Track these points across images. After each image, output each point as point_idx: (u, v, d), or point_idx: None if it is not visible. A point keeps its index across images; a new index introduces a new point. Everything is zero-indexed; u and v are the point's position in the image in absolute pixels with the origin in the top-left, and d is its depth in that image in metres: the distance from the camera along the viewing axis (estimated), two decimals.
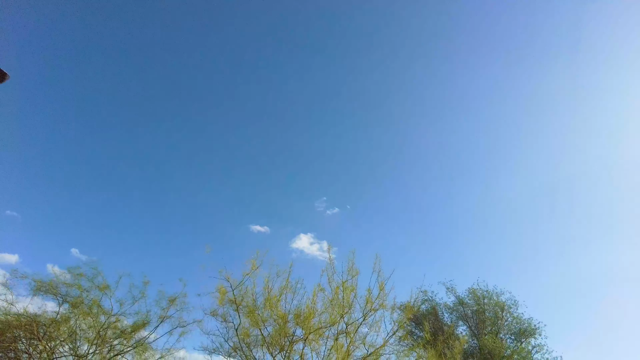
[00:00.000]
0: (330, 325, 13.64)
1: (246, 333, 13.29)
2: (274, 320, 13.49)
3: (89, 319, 16.10)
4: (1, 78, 8.65)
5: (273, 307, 13.37)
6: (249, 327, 13.47)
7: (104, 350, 16.33)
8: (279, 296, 13.63)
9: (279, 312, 13.43)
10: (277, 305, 13.48)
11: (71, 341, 15.81)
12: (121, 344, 16.82)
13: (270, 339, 13.37)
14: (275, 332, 13.34)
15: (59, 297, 16.05)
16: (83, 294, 16.30)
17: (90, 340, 16.01)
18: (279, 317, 13.35)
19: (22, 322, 14.91)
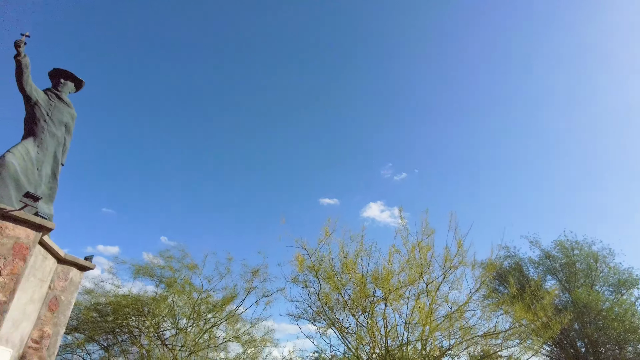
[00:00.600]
0: (409, 284, 13.60)
1: (327, 297, 13.71)
2: (353, 283, 13.75)
3: (184, 296, 17.60)
4: (78, 85, 9.41)
5: (350, 271, 13.60)
6: (329, 292, 13.88)
7: (200, 323, 17.82)
8: (355, 260, 13.83)
9: (357, 275, 13.64)
10: (354, 269, 13.70)
11: (171, 316, 17.46)
12: (214, 317, 18.24)
13: (351, 302, 13.68)
14: (355, 295, 13.61)
15: (155, 279, 17.74)
16: (175, 274, 17.83)
17: (187, 315, 17.56)
18: (357, 280, 13.58)
19: (129, 302, 16.72)
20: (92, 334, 16.76)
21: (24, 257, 6.56)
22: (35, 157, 7.84)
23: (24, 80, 7.86)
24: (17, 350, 7.04)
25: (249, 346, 18.53)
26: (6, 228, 6.47)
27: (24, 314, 7.09)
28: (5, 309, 6.19)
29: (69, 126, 8.79)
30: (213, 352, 17.95)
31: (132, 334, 17.71)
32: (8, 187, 7.02)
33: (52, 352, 7.88)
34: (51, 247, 7.56)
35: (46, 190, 7.98)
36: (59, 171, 8.45)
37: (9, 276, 6.35)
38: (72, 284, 8.34)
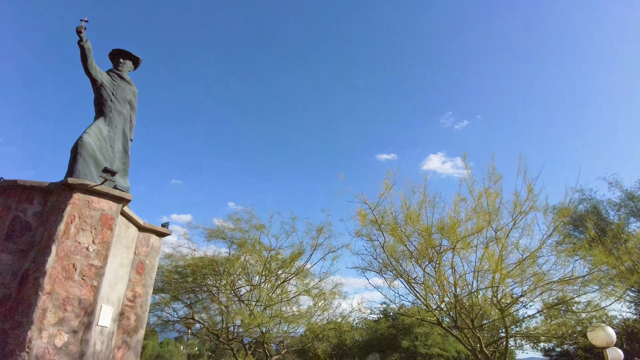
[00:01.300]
0: (477, 232, 13.21)
1: (392, 249, 13.77)
2: (418, 234, 13.65)
3: (254, 255, 18.63)
4: (135, 63, 9.78)
5: (414, 222, 13.47)
6: (394, 244, 13.92)
7: (272, 279, 18.87)
8: (419, 211, 13.63)
9: (422, 226, 13.48)
10: (418, 220, 13.54)
11: (245, 274, 18.64)
12: (284, 273, 19.21)
13: (417, 253, 13.65)
14: (421, 246, 13.54)
15: (227, 241, 18.88)
16: (245, 235, 18.84)
17: (259, 272, 18.66)
18: (422, 231, 13.44)
19: (206, 263, 18.05)
20: (176, 294, 18.44)
21: (110, 226, 7.21)
22: (107, 135, 8.41)
23: (89, 64, 8.31)
24: (116, 307, 7.92)
25: (319, 299, 19.41)
26: (92, 202, 7.11)
27: (117, 276, 7.90)
28: (102, 272, 6.93)
29: (132, 103, 9.26)
30: (286, 305, 19.05)
31: (210, 292, 19.25)
32: (89, 164, 7.64)
33: (145, 310, 8.77)
34: (132, 217, 8.24)
35: (120, 165, 8.59)
36: (129, 146, 9.02)
37: (100, 244, 7.04)
38: (154, 249, 9.10)
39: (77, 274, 6.70)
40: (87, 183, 7.04)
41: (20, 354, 5.97)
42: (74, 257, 6.72)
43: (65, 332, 6.38)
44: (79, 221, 6.88)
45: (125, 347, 8.18)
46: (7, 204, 7.09)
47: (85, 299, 6.68)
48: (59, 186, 7.06)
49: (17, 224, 6.94)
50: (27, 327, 6.12)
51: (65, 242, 6.68)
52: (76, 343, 6.45)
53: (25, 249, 6.87)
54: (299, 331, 20.04)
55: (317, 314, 19.55)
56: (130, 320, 8.30)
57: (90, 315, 6.68)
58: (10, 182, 7.15)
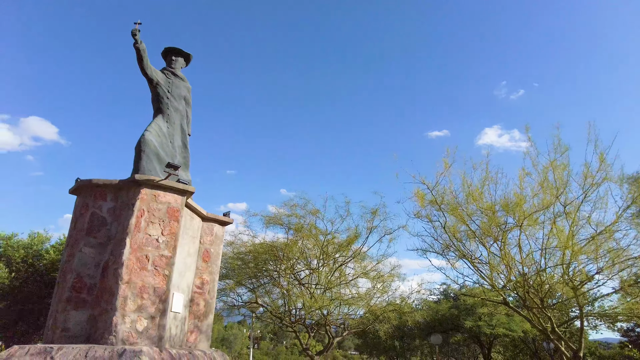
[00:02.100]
0: (544, 208, 12.41)
1: (454, 229, 13.33)
2: (481, 212, 13.08)
3: (311, 239, 18.94)
4: (187, 59, 10.09)
5: (476, 200, 12.92)
6: (454, 224, 13.47)
7: (330, 262, 19.12)
8: (481, 188, 13.04)
9: (485, 204, 12.89)
10: (480, 198, 12.97)
11: (303, 258, 19.04)
12: (342, 256, 19.39)
13: (480, 232, 13.13)
14: (484, 224, 12.99)
15: (284, 226, 19.34)
16: (301, 221, 19.17)
17: (317, 256, 18.97)
18: (485, 209, 12.87)
19: (265, 249, 18.65)
20: (240, 279, 19.27)
21: (177, 218, 7.61)
22: (167, 132, 8.81)
23: (145, 64, 8.70)
24: (186, 294, 8.40)
25: (377, 281, 19.43)
26: (159, 196, 7.52)
27: (185, 265, 8.35)
28: (172, 262, 7.36)
29: (187, 99, 9.60)
30: (345, 288, 19.28)
31: (272, 277, 19.91)
32: (152, 161, 8.07)
33: (212, 296, 9.24)
34: (195, 208, 8.64)
35: (181, 159, 8.99)
36: (188, 141, 9.41)
37: (169, 235, 7.46)
38: (217, 238, 9.51)
39: (150, 264, 7.16)
40: (153, 178, 7.45)
41: (108, 337, 6.53)
42: (146, 248, 7.17)
43: (144, 317, 6.88)
44: (148, 215, 7.31)
45: (197, 332, 8.69)
46: (85, 201, 7.69)
47: (159, 287, 7.14)
48: (127, 183, 7.54)
49: (95, 220, 7.52)
50: (112, 314, 6.66)
51: (137, 235, 7.14)
52: (155, 328, 6.94)
53: (104, 242, 7.44)
54: (359, 313, 20.24)
55: (376, 296, 19.63)
56: (200, 306, 8.78)
57: (164, 302, 7.14)
58: (85, 182, 7.73)
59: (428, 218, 14.02)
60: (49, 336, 6.98)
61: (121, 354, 6.02)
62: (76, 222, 7.67)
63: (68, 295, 7.07)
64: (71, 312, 7.02)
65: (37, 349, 6.11)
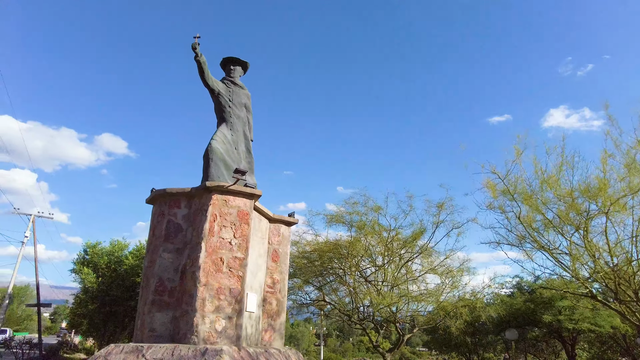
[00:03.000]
0: (632, 193, 11.21)
1: (530, 219, 12.48)
2: (559, 200, 12.13)
3: (375, 236, 18.73)
4: (244, 67, 10.36)
5: (552, 187, 11.99)
6: (529, 213, 12.61)
7: (395, 259, 18.80)
8: (558, 174, 12.07)
9: (564, 191, 11.91)
10: (557, 184, 12.02)
11: (368, 255, 18.90)
12: (407, 252, 18.98)
13: (559, 220, 12.18)
14: (561, 213, 12.03)
15: (346, 224, 19.31)
16: (362, 218, 19.04)
17: (382, 253, 18.73)
18: (563, 196, 11.92)
19: (330, 247, 18.75)
20: (306, 278, 19.53)
21: (247, 221, 7.85)
22: (231, 139, 9.12)
23: (206, 76, 9.06)
24: (259, 294, 8.65)
25: (446, 277, 18.80)
26: (229, 200, 7.79)
27: (257, 266, 8.59)
28: (245, 263, 7.60)
29: (248, 106, 9.88)
30: (412, 284, 18.87)
31: (337, 275, 19.97)
32: (220, 167, 8.40)
33: (284, 294, 9.43)
34: (262, 210, 8.86)
35: (246, 164, 9.26)
36: (251, 146, 9.68)
37: (240, 237, 7.71)
38: (284, 238, 9.69)
39: (225, 266, 7.44)
40: (223, 184, 7.74)
41: (191, 337, 6.88)
42: (220, 251, 7.47)
43: (222, 318, 7.16)
44: (220, 219, 7.61)
45: (271, 330, 8.92)
46: (161, 210, 8.17)
47: (234, 288, 7.40)
48: (199, 190, 7.89)
49: (171, 227, 7.96)
50: (192, 315, 7.01)
51: (212, 239, 7.45)
52: (232, 327, 7.21)
53: (181, 248, 7.85)
54: (428, 309, 19.70)
55: (445, 292, 18.99)
56: (272, 305, 9.00)
57: (240, 303, 7.38)
58: (160, 191, 8.21)
59: (501, 209, 13.23)
60: (138, 336, 7.49)
61: (203, 352, 6.30)
62: (154, 230, 8.17)
63: (152, 298, 7.55)
64: (156, 314, 7.48)
65: (130, 347, 6.58)
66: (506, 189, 12.79)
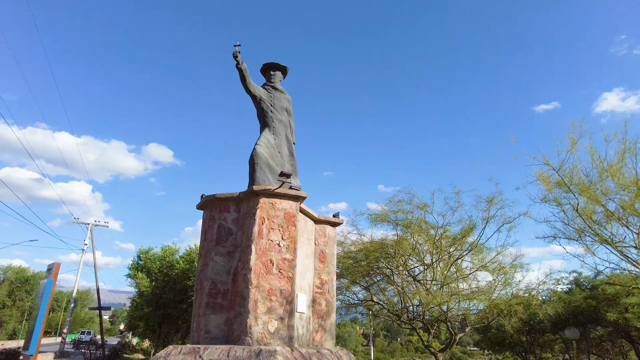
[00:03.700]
0: None
1: (590, 211, 11.74)
2: (623, 189, 11.32)
3: (422, 235, 18.33)
4: (284, 72, 10.46)
5: (614, 175, 11.20)
6: (588, 205, 11.86)
7: (444, 257, 18.31)
8: (620, 162, 11.27)
9: (629, 179, 11.08)
10: (619, 173, 11.23)
11: (416, 254, 18.53)
12: (456, 250, 18.42)
13: (623, 212, 11.37)
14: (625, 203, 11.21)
15: (391, 223, 19.04)
16: (408, 216, 18.69)
17: (430, 252, 18.30)
18: (628, 185, 11.08)
19: (376, 247, 18.57)
20: (354, 278, 19.44)
21: (293, 222, 7.92)
22: (274, 143, 9.26)
23: (248, 83, 9.25)
24: (308, 295, 8.70)
25: (498, 273, 18.08)
26: (275, 203, 7.90)
27: (305, 266, 8.65)
28: (294, 264, 7.68)
29: (289, 110, 10.00)
30: (463, 282, 18.28)
31: (385, 274, 19.74)
32: (265, 171, 8.54)
33: (333, 295, 9.43)
34: (307, 212, 8.92)
35: (289, 167, 9.37)
36: (293, 149, 9.78)
37: (288, 239, 7.79)
38: (330, 239, 9.70)
39: (275, 267, 7.54)
40: (269, 188, 7.86)
41: (245, 338, 7.03)
42: (269, 253, 7.58)
43: (274, 319, 7.26)
44: (268, 222, 7.73)
45: (322, 331, 8.94)
46: (212, 215, 8.41)
47: (285, 289, 7.49)
48: (247, 194, 8.06)
49: (222, 231, 8.18)
50: (245, 316, 7.15)
51: (261, 241, 7.58)
52: (284, 328, 7.29)
53: (232, 251, 8.05)
54: (480, 307, 19.01)
55: (498, 289, 18.26)
56: (322, 306, 9.02)
57: (290, 304, 7.46)
58: (210, 197, 8.46)
59: (556, 202, 12.54)
60: (195, 338, 7.75)
61: (258, 353, 6.41)
62: (206, 234, 8.43)
63: (206, 300, 7.78)
64: (210, 316, 7.71)
65: (188, 349, 6.81)
66: (561, 181, 12.10)
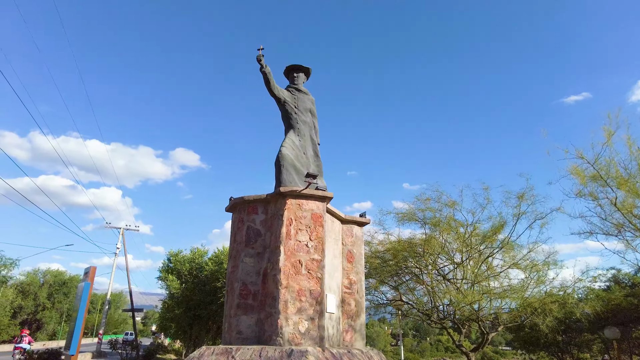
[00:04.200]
0: None
1: (629, 205, 11.24)
2: None
3: (452, 233, 18.00)
4: (307, 73, 10.49)
5: None
6: (627, 199, 11.36)
7: (474, 255, 17.92)
8: None
9: None
10: None
11: (445, 253, 18.21)
12: (487, 247, 18.00)
13: None
14: None
15: (419, 222, 18.78)
16: (436, 214, 18.39)
17: (459, 250, 17.94)
18: None
19: (404, 246, 18.36)
20: (382, 278, 19.28)
21: (321, 223, 7.93)
22: (299, 144, 9.30)
23: (272, 86, 9.33)
24: (337, 295, 8.69)
25: (531, 271, 17.57)
26: (302, 204, 7.93)
27: (333, 267, 8.65)
28: (322, 265, 7.68)
29: (313, 111, 10.03)
30: (494, 280, 17.85)
31: (413, 274, 19.48)
32: (291, 173, 8.59)
33: (362, 295, 9.39)
34: (334, 212, 8.91)
35: (315, 168, 9.38)
36: (318, 149, 9.78)
37: (316, 240, 7.81)
38: (358, 238, 9.66)
39: (304, 268, 7.57)
40: (296, 189, 7.90)
41: (276, 339, 7.08)
42: (298, 254, 7.62)
43: (304, 319, 7.29)
44: (296, 223, 7.76)
45: (352, 331, 8.91)
46: (240, 217, 8.52)
47: (314, 289, 7.50)
48: (274, 196, 8.12)
49: (250, 232, 8.27)
50: (276, 317, 7.21)
51: (289, 242, 7.62)
52: (315, 328, 7.30)
53: (261, 252, 8.13)
54: (513, 306, 18.52)
55: (531, 287, 17.73)
56: (351, 306, 9.00)
57: (320, 304, 7.47)
58: (238, 199, 8.57)
59: (592, 196, 12.07)
60: (227, 338, 7.86)
61: (289, 354, 6.44)
62: (235, 236, 8.55)
63: (237, 302, 7.89)
64: (241, 316, 7.80)
65: (220, 349, 6.91)
66: (596, 174, 11.64)
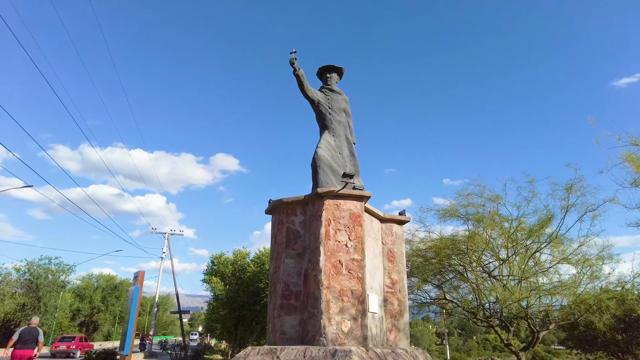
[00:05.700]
0: None
1: None
2: None
3: (496, 228, 17.41)
4: (339, 73, 10.51)
5: None
6: None
7: (521, 250, 17.24)
8: None
9: None
10: None
11: (490, 249, 17.62)
12: (534, 242, 17.28)
13: None
14: None
15: (462, 218, 18.29)
16: (480, 210, 17.84)
17: (505, 246, 17.32)
18: None
19: (447, 243, 17.96)
20: (425, 276, 18.94)
21: (359, 223, 7.92)
22: (334, 145, 9.33)
23: (305, 88, 9.42)
24: (379, 295, 8.64)
25: (583, 266, 16.67)
26: (340, 204, 7.95)
27: (374, 266, 8.61)
28: (363, 264, 7.67)
29: (347, 110, 10.03)
30: (543, 276, 17.09)
31: (457, 271, 19.00)
32: (327, 173, 8.63)
33: (404, 294, 9.28)
34: (373, 211, 8.87)
35: (351, 167, 9.38)
36: (354, 149, 9.77)
37: (355, 240, 7.80)
38: (398, 237, 9.56)
39: (344, 268, 7.59)
40: (333, 189, 7.93)
41: (320, 339, 7.13)
42: (338, 254, 7.64)
43: (347, 319, 7.30)
44: (334, 223, 7.79)
45: (396, 330, 8.83)
46: (280, 218, 8.66)
47: (356, 289, 7.50)
48: (312, 197, 8.19)
49: (290, 234, 8.39)
50: (319, 317, 7.26)
51: (328, 243, 7.66)
52: (358, 328, 7.30)
53: (301, 253, 8.22)
54: (564, 303, 17.64)
55: (584, 283, 16.82)
56: (394, 305, 8.92)
57: (362, 304, 7.45)
58: (277, 202, 8.71)
59: None
60: (271, 339, 8.00)
61: (333, 354, 6.47)
62: (275, 237, 8.70)
63: (280, 302, 8.02)
64: (285, 317, 7.92)
65: (265, 349, 7.05)
66: None
